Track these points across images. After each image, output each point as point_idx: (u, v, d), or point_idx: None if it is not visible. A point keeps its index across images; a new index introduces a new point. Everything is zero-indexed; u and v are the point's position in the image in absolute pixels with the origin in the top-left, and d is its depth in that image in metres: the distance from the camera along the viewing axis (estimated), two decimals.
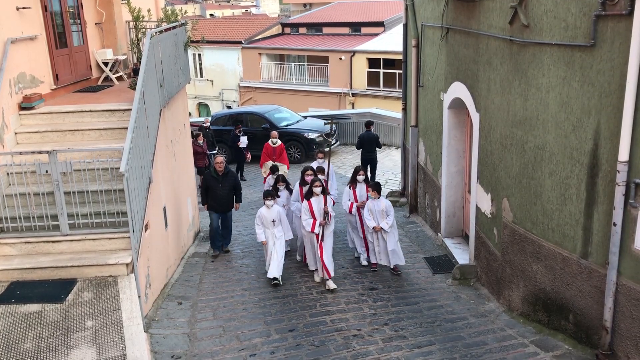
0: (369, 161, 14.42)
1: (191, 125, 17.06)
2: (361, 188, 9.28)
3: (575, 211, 6.06)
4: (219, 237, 10.39)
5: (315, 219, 8.63)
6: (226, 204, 10.12)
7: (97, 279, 7.01)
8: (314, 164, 10.77)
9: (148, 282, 7.57)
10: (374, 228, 8.80)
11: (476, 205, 8.39)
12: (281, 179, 10.12)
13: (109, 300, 6.63)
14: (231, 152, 17.32)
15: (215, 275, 9.38)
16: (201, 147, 15.35)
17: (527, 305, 7.07)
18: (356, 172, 9.36)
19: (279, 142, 14.39)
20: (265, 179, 12.68)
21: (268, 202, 8.96)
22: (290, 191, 10.00)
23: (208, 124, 17.77)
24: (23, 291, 6.77)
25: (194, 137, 15.55)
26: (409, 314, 7.59)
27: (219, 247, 10.41)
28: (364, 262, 9.39)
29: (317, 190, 8.68)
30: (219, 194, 9.97)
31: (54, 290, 6.79)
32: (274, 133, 14.52)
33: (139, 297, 6.77)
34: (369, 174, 13.96)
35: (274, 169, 11.33)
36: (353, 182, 9.36)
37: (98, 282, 6.96)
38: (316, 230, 8.58)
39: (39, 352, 5.75)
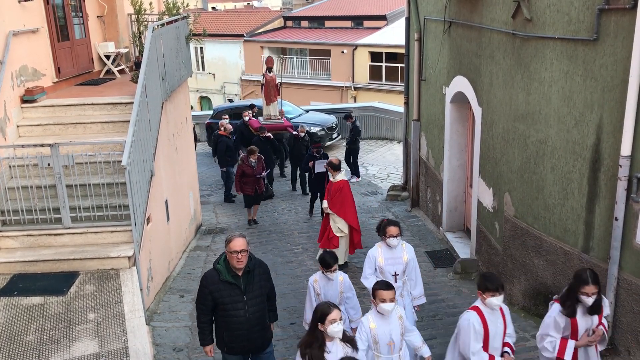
0: (356, 151, 14.94)
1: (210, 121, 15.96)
2: (583, 314, 4.44)
3: (577, 206, 6.05)
4: None
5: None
6: (258, 334, 5.02)
7: (99, 271, 7.03)
8: (383, 251, 5.98)
9: (150, 275, 7.59)
10: None
11: (478, 200, 8.39)
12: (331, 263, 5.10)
13: (111, 293, 6.65)
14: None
15: None
16: (252, 169, 11.15)
17: (528, 300, 7.07)
18: (580, 284, 4.36)
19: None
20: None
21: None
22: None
23: (303, 133, 13.67)
24: (25, 284, 6.79)
25: (248, 153, 11.35)
26: None
27: None
28: None
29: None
30: (241, 317, 4.88)
31: (56, 282, 6.81)
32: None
33: (141, 290, 6.80)
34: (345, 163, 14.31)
35: (323, 261, 5.77)
36: (572, 305, 4.40)
37: (100, 275, 6.98)
38: None
39: (41, 344, 5.78)
